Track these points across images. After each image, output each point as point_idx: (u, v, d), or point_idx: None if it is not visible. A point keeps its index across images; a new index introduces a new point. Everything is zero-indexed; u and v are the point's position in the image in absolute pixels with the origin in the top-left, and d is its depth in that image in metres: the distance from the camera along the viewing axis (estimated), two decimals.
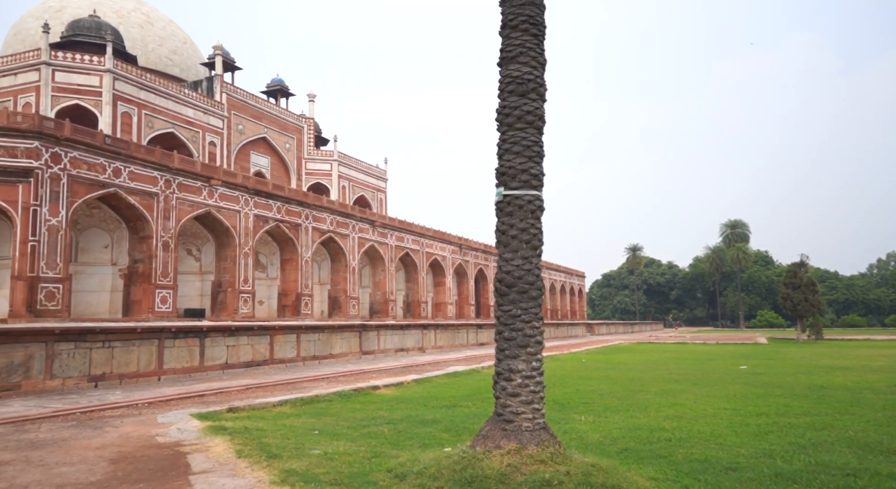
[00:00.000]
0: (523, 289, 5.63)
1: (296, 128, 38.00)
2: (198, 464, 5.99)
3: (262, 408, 10.19)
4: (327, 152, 39.83)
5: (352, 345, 23.03)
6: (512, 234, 5.68)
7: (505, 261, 5.73)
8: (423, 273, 36.02)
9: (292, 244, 26.69)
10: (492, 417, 5.65)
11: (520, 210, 5.62)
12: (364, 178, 42.92)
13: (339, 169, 39.97)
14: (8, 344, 12.19)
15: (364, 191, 42.72)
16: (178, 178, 21.33)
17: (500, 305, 5.76)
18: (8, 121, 16.94)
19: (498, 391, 5.59)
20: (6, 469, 5.84)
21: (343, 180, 40.28)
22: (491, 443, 5.31)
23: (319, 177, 39.03)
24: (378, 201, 44.19)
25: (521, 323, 5.60)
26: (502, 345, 5.68)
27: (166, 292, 20.79)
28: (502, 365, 5.64)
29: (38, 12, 32.07)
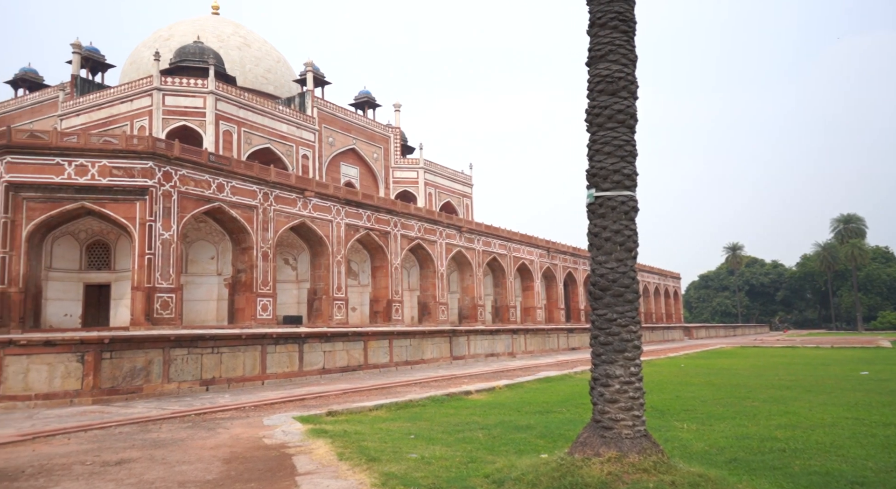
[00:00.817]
0: (618, 292, 5.48)
1: (383, 138, 38.98)
2: (303, 466, 6.24)
3: (360, 412, 10.48)
4: (413, 160, 40.56)
5: (442, 350, 23.25)
6: (605, 236, 5.54)
7: (598, 264, 5.60)
8: (511, 277, 35.85)
9: (382, 251, 27.34)
10: (589, 424, 5.53)
11: (613, 211, 5.48)
12: (450, 185, 43.34)
13: (425, 176, 40.57)
14: (131, 350, 13.23)
15: (450, 197, 43.13)
16: (275, 191, 22.41)
17: (595, 309, 5.64)
18: (126, 144, 18.44)
19: (595, 397, 5.46)
20: (135, 466, 6.33)
21: (429, 187, 40.85)
22: (590, 451, 5.19)
23: (406, 185, 39.80)
24: (464, 207, 44.48)
25: (618, 327, 5.45)
26: (598, 349, 5.55)
27: (266, 300, 21.85)
28: (599, 370, 5.50)
29: (150, 42, 34.79)
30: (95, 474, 5.97)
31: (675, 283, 64.91)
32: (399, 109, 40.48)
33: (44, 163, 17.44)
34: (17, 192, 17.21)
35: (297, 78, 35.96)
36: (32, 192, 17.40)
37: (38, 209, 17.50)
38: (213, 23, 36.94)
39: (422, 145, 40.87)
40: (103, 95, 29.47)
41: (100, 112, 29.24)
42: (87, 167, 17.78)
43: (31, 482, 5.69)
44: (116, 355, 12.98)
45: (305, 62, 34.61)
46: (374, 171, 38.04)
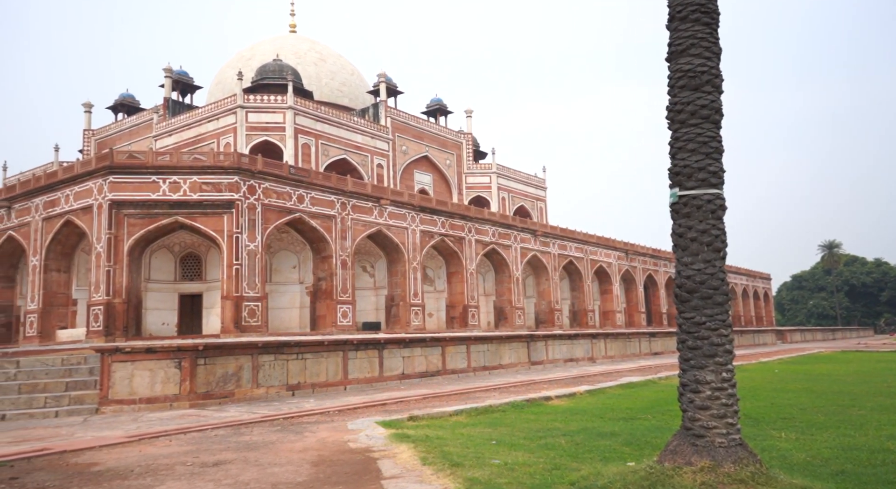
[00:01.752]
0: (707, 294, 5.26)
1: (455, 144, 39.24)
2: (387, 470, 6.34)
3: (440, 418, 10.55)
4: (486, 165, 40.59)
5: (520, 355, 23.07)
6: (691, 236, 5.34)
7: (684, 265, 5.40)
8: (588, 281, 35.13)
9: (457, 257, 27.47)
10: (679, 431, 5.33)
11: (698, 211, 5.27)
12: (523, 188, 43.06)
13: (498, 181, 40.50)
14: (223, 356, 13.91)
15: (523, 201, 42.84)
16: (352, 200, 22.99)
17: (682, 312, 5.43)
18: (213, 160, 19.46)
19: (685, 404, 5.26)
20: (230, 467, 6.64)
21: (502, 192, 40.74)
22: (681, 459, 5.00)
23: (479, 190, 39.86)
24: (538, 210, 44.05)
25: (707, 331, 5.23)
26: (686, 354, 5.34)
27: (346, 307, 22.41)
28: (688, 376, 5.30)
29: (233, 62, 36.64)
30: (195, 474, 6.30)
31: (766, 284, 61.62)
32: (470, 115, 40.65)
33: (141, 181, 18.65)
34: (119, 209, 18.49)
35: (371, 89, 36.82)
36: (132, 209, 18.63)
37: (138, 224, 18.72)
38: (291, 41, 38.44)
39: (494, 150, 40.86)
40: (192, 115, 31.25)
41: (189, 131, 31.01)
42: (180, 184, 18.86)
43: (139, 481, 6.08)
44: (210, 361, 13.67)
45: (378, 73, 35.40)
46: (447, 178, 38.34)
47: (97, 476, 6.36)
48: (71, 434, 9.61)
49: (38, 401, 12.65)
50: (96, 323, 18.05)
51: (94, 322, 18.15)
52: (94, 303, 18.25)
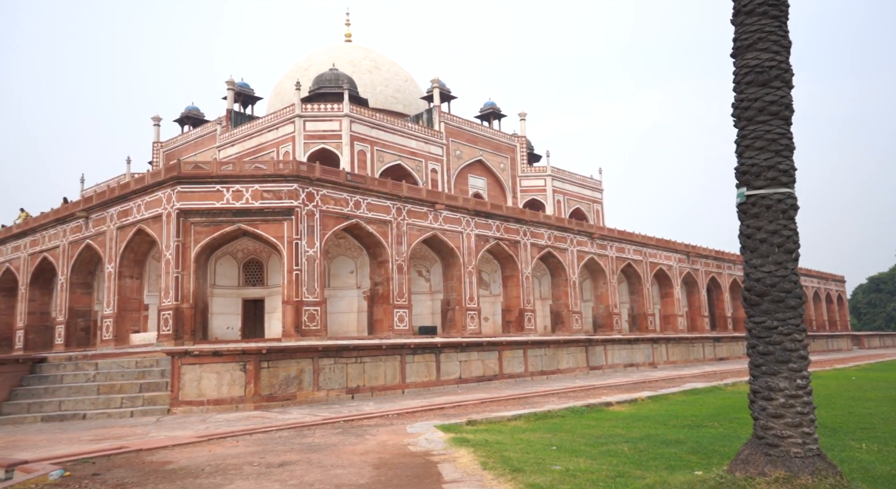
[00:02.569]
0: (778, 297, 5.05)
1: (509, 147, 39.11)
2: (448, 474, 6.35)
3: (499, 422, 10.50)
4: (540, 168, 40.27)
5: (578, 360, 22.72)
6: (760, 237, 5.14)
7: (753, 267, 5.20)
8: (648, 284, 34.30)
9: (512, 261, 27.33)
10: (751, 440, 5.12)
11: (768, 211, 5.07)
12: (578, 191, 42.48)
13: (553, 183, 40.09)
14: (285, 360, 14.28)
15: (579, 203, 42.26)
16: (407, 206, 23.21)
17: (752, 316, 5.23)
18: (273, 169, 20.04)
19: (756, 411, 5.06)
20: (295, 468, 6.80)
21: (557, 194, 40.30)
22: (753, 469, 4.81)
23: (534, 193, 39.56)
24: (594, 213, 43.36)
25: (779, 335, 5.02)
26: (757, 360, 5.14)
27: (403, 312, 22.62)
28: (759, 382, 5.09)
29: (291, 73, 37.70)
30: (262, 475, 6.48)
31: (839, 287, 58.66)
32: (524, 118, 40.44)
33: (206, 190, 19.38)
34: (187, 217, 19.27)
35: (425, 95, 37.14)
36: (198, 217, 19.39)
37: (203, 232, 19.46)
38: (347, 50, 39.24)
39: (548, 152, 40.49)
40: (253, 126, 32.29)
41: (251, 141, 32.05)
42: (242, 192, 19.50)
43: (210, 479, 6.30)
44: (273, 364, 14.06)
45: (432, 79, 35.68)
46: (501, 181, 38.23)
47: (171, 474, 6.63)
48: (145, 433, 10.06)
49: (115, 402, 13.30)
50: (166, 327, 18.85)
51: (164, 326, 18.96)
52: (164, 308, 19.06)
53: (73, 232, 23.04)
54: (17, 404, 13.28)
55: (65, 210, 23.76)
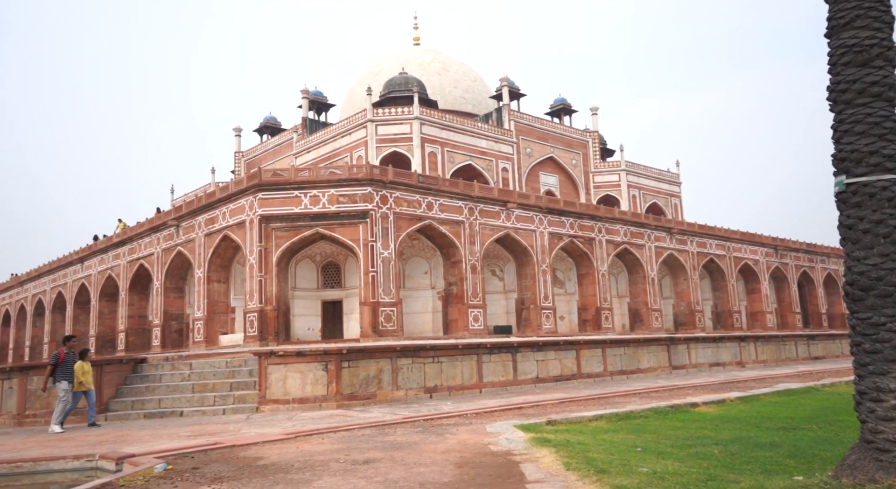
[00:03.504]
0: (886, 292, 4.70)
1: (580, 143, 38.43)
2: (531, 474, 6.31)
3: (579, 422, 10.34)
4: (614, 163, 39.33)
5: (659, 359, 22.03)
6: (862, 228, 4.81)
7: (855, 260, 4.88)
8: (733, 280, 32.80)
9: (587, 258, 26.82)
10: (858, 444, 4.80)
11: (871, 199, 4.74)
12: (655, 185, 41.20)
13: (628, 178, 39.07)
14: (364, 360, 14.61)
15: (656, 198, 40.97)
16: (479, 205, 23.22)
17: (855, 313, 4.90)
18: (348, 173, 20.54)
19: (864, 414, 4.74)
20: (379, 465, 6.94)
21: (632, 189, 39.24)
22: (862, 476, 4.50)
23: (608, 189, 38.69)
24: (672, 207, 41.91)
25: (888, 333, 4.68)
26: (863, 359, 4.81)
27: (477, 311, 22.63)
28: (865, 382, 4.77)
29: (362, 79, 38.56)
30: (348, 471, 6.66)
31: None
32: (596, 113, 39.62)
33: (285, 196, 20.10)
34: (268, 223, 20.06)
35: (494, 94, 37.06)
36: (278, 223, 20.14)
37: (283, 237, 20.19)
38: (415, 53, 39.73)
39: (622, 147, 39.49)
40: (327, 132, 33.24)
41: (325, 147, 33.01)
42: (319, 197, 20.10)
43: (299, 475, 6.53)
44: (353, 364, 14.41)
45: (501, 78, 35.56)
46: (574, 178, 37.61)
47: (263, 469, 6.91)
48: (237, 430, 10.55)
49: (209, 400, 14.03)
50: (251, 328, 19.68)
51: (249, 327, 19.80)
52: (249, 310, 19.90)
53: (166, 240, 24.47)
54: (122, 401, 14.25)
55: (158, 219, 25.27)
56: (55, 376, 12.18)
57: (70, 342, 13.00)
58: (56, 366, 12.22)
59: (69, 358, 12.47)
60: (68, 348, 12.67)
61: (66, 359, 12.36)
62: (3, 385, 14.20)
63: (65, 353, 12.45)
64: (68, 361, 12.38)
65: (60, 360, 12.25)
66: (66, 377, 12.21)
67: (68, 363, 12.36)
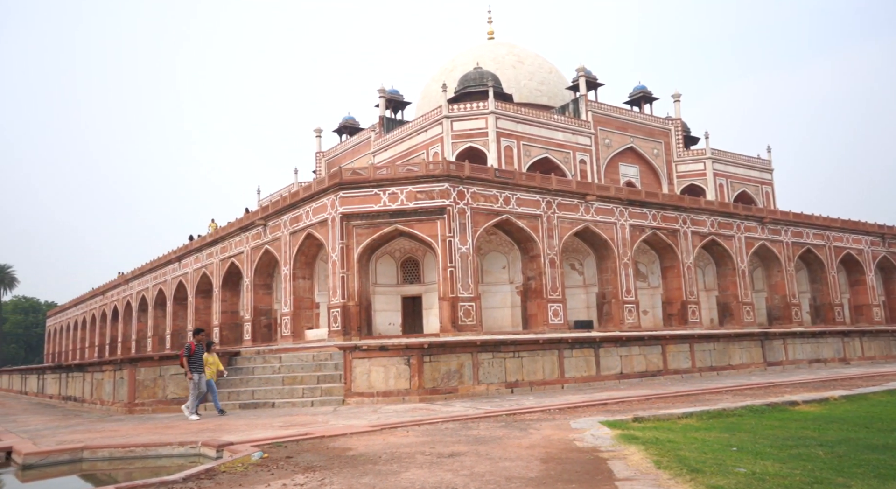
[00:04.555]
0: None
1: (662, 132, 37.09)
2: (619, 471, 6.15)
3: (668, 420, 10.00)
4: (698, 151, 37.70)
5: (753, 355, 20.97)
6: None
7: None
8: (833, 271, 30.73)
9: (671, 251, 25.88)
10: None
11: None
12: (743, 173, 39.17)
13: (714, 166, 37.34)
14: (445, 354, 14.74)
15: (745, 186, 38.95)
16: (557, 199, 22.87)
17: None
18: (425, 170, 20.74)
19: None
20: (464, 459, 6.98)
21: (719, 178, 37.48)
22: None
23: (692, 178, 37.14)
24: (763, 195, 39.72)
25: None
26: None
27: (557, 306, 22.33)
28: None
29: (437, 76, 38.84)
30: (434, 464, 6.73)
31: None
32: (678, 99, 38.10)
33: (365, 194, 20.56)
34: (349, 221, 20.59)
35: (570, 85, 36.38)
36: (359, 220, 20.63)
37: (364, 234, 20.66)
38: (490, 47, 39.59)
39: (707, 134, 37.80)
40: (403, 130, 33.71)
41: (402, 145, 33.49)
42: (397, 194, 20.42)
43: (387, 466, 6.67)
44: (434, 359, 14.57)
45: (577, 68, 34.84)
46: (655, 168, 36.36)
47: (352, 460, 7.11)
48: (325, 421, 10.91)
49: (298, 392, 14.59)
50: (335, 324, 20.29)
51: (333, 323, 20.42)
52: (333, 306, 20.52)
53: (254, 238, 25.61)
54: (219, 392, 15.04)
55: (246, 219, 26.49)
56: (189, 367, 12.81)
57: (199, 335, 13.63)
58: (189, 357, 12.87)
59: (199, 349, 13.11)
60: (198, 340, 13.30)
61: (197, 351, 13.03)
62: (115, 375, 15.33)
63: (195, 345, 13.10)
64: (199, 353, 13.04)
65: (192, 352, 12.92)
66: (198, 368, 12.88)
67: (199, 354, 13.02)
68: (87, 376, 17.31)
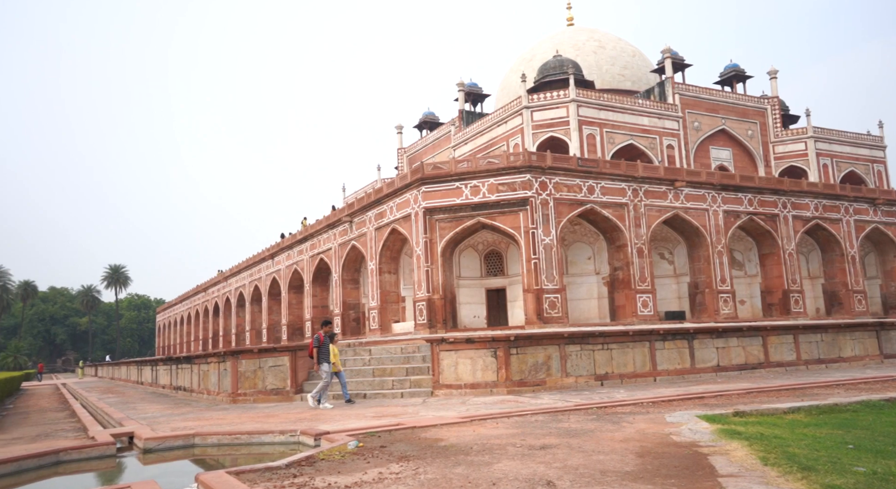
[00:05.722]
0: None
1: (757, 111, 34.99)
2: (722, 467, 5.87)
3: (772, 415, 9.45)
4: (798, 130, 35.29)
5: (867, 346, 19.46)
6: None
7: None
8: None
9: (770, 237, 24.43)
10: None
11: None
12: (851, 151, 36.32)
13: (817, 146, 34.86)
14: (532, 346, 14.61)
15: (853, 166, 36.13)
16: (644, 186, 22.11)
17: None
18: (506, 162, 20.60)
19: None
20: (556, 451, 6.89)
21: (823, 158, 34.94)
22: None
23: (791, 159, 34.84)
24: (875, 174, 36.70)
25: None
26: None
27: (646, 296, 21.63)
28: None
29: (516, 67, 38.46)
30: (526, 455, 6.68)
31: None
32: (775, 77, 35.81)
33: (447, 188, 20.68)
34: (431, 215, 20.79)
35: (655, 68, 35.04)
36: (441, 214, 20.79)
37: (447, 228, 20.81)
38: (569, 34, 38.75)
39: (808, 111, 35.32)
40: (483, 123, 33.62)
41: (482, 138, 33.43)
42: (479, 187, 20.41)
43: (479, 457, 6.68)
44: (521, 351, 14.48)
45: (662, 49, 33.47)
46: (750, 150, 34.39)
47: (444, 450, 7.18)
48: (415, 413, 11.09)
49: (387, 384, 14.92)
50: (421, 317, 20.58)
51: (419, 316, 20.72)
52: (418, 299, 20.82)
53: (341, 235, 26.39)
54: (313, 384, 15.62)
55: (333, 216, 27.33)
56: (318, 358, 12.97)
57: (326, 326, 13.61)
58: (319, 348, 13.04)
59: (327, 341, 13.21)
60: (325, 332, 13.38)
61: (325, 342, 13.16)
62: (219, 367, 16.26)
63: (323, 336, 13.21)
64: (326, 344, 13.18)
65: (321, 343, 13.08)
66: (326, 359, 13.03)
67: (327, 346, 13.16)
68: (195, 368, 18.46)
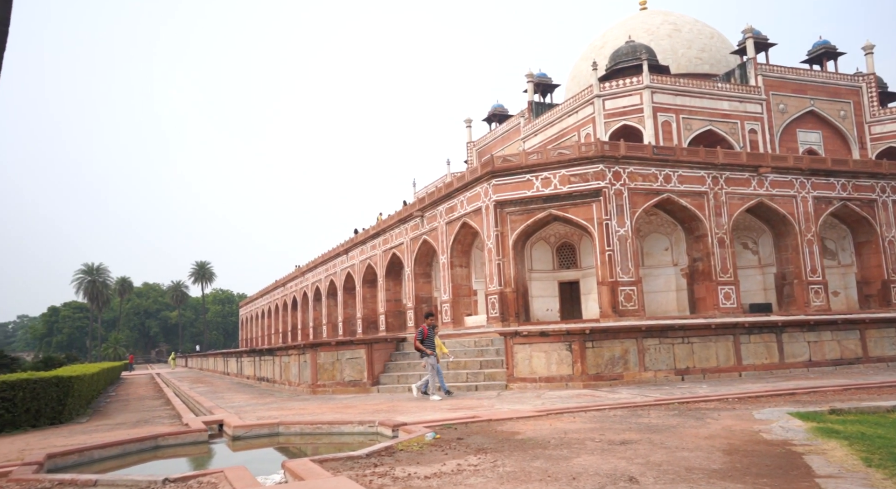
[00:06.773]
0: None
1: (850, 90, 32.71)
2: (819, 468, 5.54)
3: (874, 413, 8.85)
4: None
5: None
6: None
7: None
8: None
9: (867, 224, 22.84)
10: None
11: None
12: None
13: None
14: (608, 340, 14.29)
15: None
16: (725, 173, 21.15)
17: None
18: (578, 152, 20.19)
19: None
20: (637, 447, 6.71)
21: None
22: None
23: (890, 140, 32.32)
24: None
25: None
26: None
27: (728, 288, 20.72)
28: None
29: (586, 54, 37.59)
30: (606, 451, 6.54)
31: None
32: (871, 52, 33.33)
33: (517, 181, 20.50)
34: (502, 208, 20.68)
35: (735, 49, 33.34)
36: (512, 207, 20.63)
37: (518, 220, 20.64)
38: (642, 19, 37.49)
39: None
40: (553, 113, 33.08)
41: (552, 128, 32.91)
42: (550, 179, 20.11)
43: (557, 451, 6.60)
44: (596, 345, 14.19)
45: (744, 29, 31.80)
46: (842, 132, 32.21)
47: (521, 444, 7.14)
48: (491, 406, 11.08)
49: (462, 377, 14.99)
50: (493, 310, 20.53)
51: (491, 309, 20.69)
52: (490, 292, 20.78)
53: (413, 229, 26.69)
54: (389, 376, 15.95)
55: (404, 211, 27.67)
56: (422, 350, 12.91)
57: (430, 318, 13.59)
58: (422, 341, 13.00)
59: (431, 333, 13.18)
60: (429, 324, 13.37)
61: (430, 334, 13.13)
62: (300, 359, 16.83)
63: (427, 329, 13.20)
64: (431, 336, 13.13)
65: (425, 336, 13.07)
66: (431, 348, 12.93)
67: (431, 338, 13.11)
68: (277, 359, 19.19)
